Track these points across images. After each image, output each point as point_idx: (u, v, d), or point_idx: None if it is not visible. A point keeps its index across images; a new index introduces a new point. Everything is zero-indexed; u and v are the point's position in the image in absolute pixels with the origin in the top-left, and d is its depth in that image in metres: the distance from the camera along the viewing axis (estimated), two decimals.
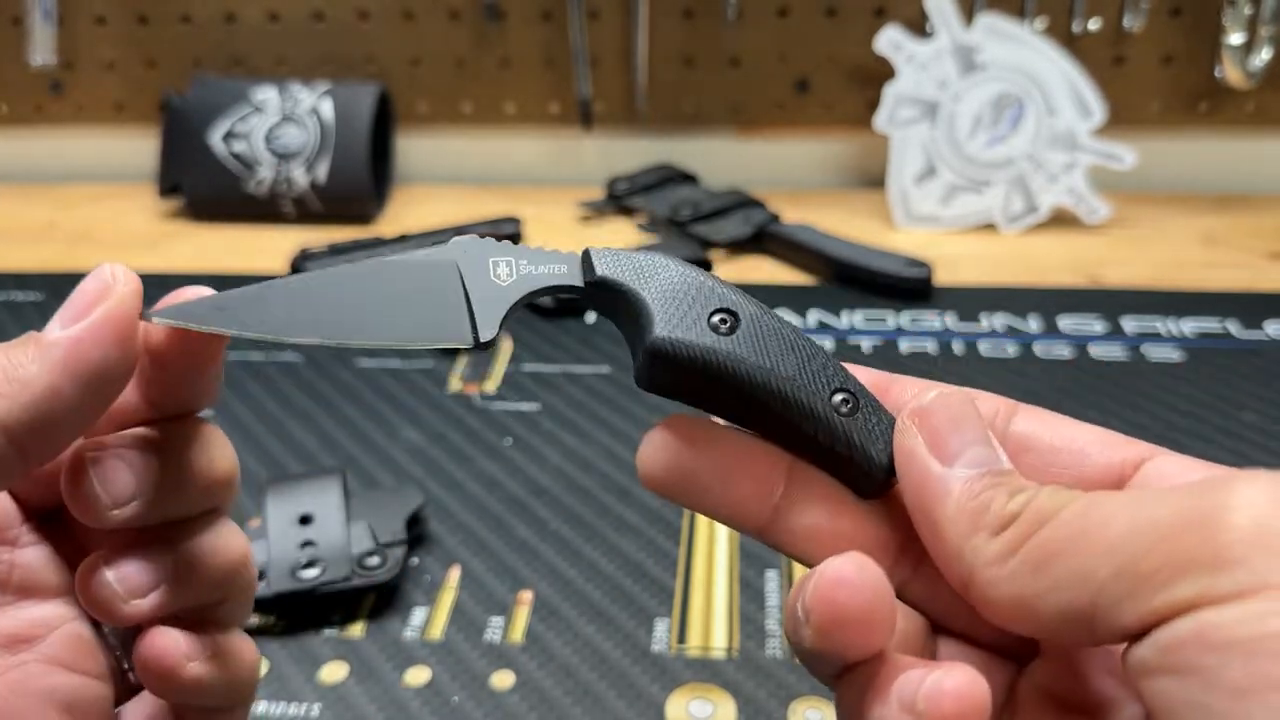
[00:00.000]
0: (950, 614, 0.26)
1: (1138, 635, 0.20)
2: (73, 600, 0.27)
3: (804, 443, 0.26)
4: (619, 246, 0.26)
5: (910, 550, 0.26)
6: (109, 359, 0.24)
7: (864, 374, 0.27)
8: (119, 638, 0.28)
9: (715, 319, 0.25)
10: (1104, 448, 0.26)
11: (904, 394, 0.27)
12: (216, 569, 0.28)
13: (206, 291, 0.25)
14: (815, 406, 0.25)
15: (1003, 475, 0.24)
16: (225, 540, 0.28)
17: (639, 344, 0.26)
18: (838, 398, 0.25)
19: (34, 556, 0.27)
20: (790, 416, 0.25)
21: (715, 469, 0.26)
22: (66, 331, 0.24)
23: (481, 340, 0.25)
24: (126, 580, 0.26)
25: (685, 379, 0.25)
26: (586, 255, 0.26)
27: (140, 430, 0.27)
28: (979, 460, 0.24)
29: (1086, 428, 0.26)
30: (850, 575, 0.22)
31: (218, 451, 0.28)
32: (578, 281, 0.26)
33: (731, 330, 0.25)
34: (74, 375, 0.24)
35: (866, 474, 0.26)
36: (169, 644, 0.26)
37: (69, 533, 0.28)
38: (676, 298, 0.25)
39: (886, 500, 0.26)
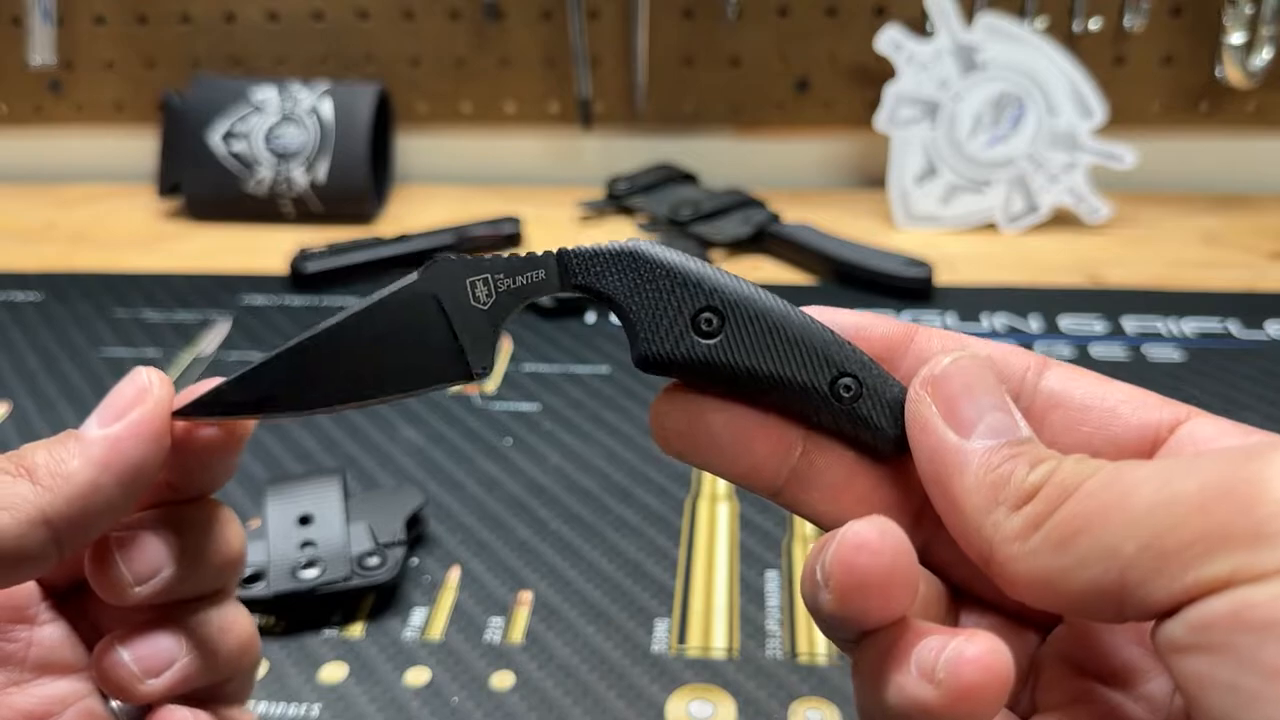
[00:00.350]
0: (972, 579, 0.26)
1: (1169, 612, 0.19)
2: (87, 677, 0.28)
3: (809, 424, 0.25)
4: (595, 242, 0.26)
5: (930, 513, 0.25)
6: (146, 457, 0.25)
7: (883, 324, 0.26)
8: (129, 716, 0.29)
9: (700, 320, 0.25)
10: (1137, 408, 0.24)
11: (928, 346, 0.26)
12: (227, 648, 0.29)
13: (218, 381, 0.26)
14: (813, 398, 0.25)
15: (1023, 444, 0.23)
16: (234, 619, 0.29)
17: (630, 345, 0.25)
18: (841, 383, 0.25)
19: (52, 634, 0.28)
20: (789, 407, 0.25)
21: (731, 430, 0.25)
22: (106, 431, 0.25)
23: (474, 373, 0.26)
24: (142, 660, 0.27)
25: (678, 376, 0.26)
26: (562, 257, 0.26)
27: (160, 511, 0.28)
28: (997, 428, 0.23)
29: (1120, 386, 0.25)
30: (872, 539, 0.22)
31: (231, 531, 0.29)
32: (556, 287, 0.26)
33: (718, 330, 0.25)
34: (114, 472, 0.25)
35: (874, 449, 0.25)
36: None
37: (85, 611, 0.29)
38: (657, 301, 0.25)
39: (905, 460, 0.25)
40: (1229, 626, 0.18)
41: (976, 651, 0.21)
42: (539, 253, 0.26)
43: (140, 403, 0.26)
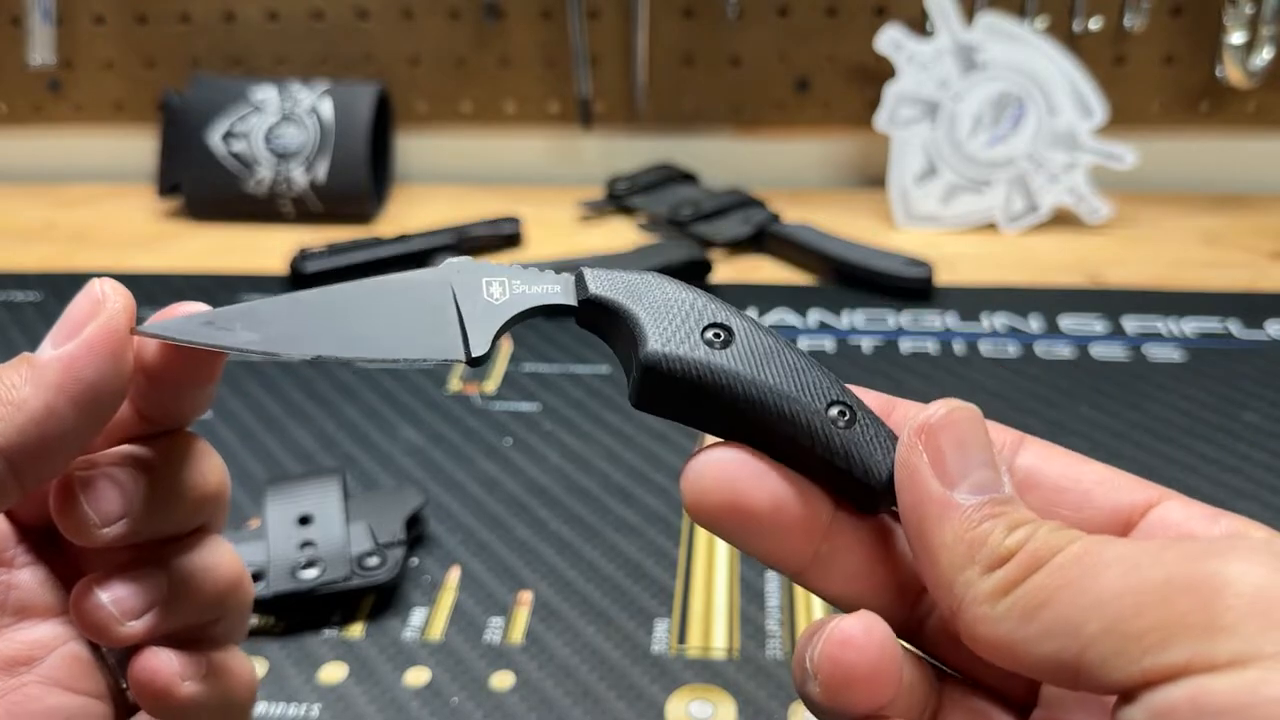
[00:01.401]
0: (962, 658, 0.26)
1: (1127, 695, 0.20)
2: (69, 621, 0.27)
3: (802, 456, 0.25)
4: (612, 269, 0.27)
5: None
6: (103, 376, 0.24)
7: (866, 395, 0.26)
8: (116, 657, 0.28)
9: (709, 334, 0.25)
10: (1109, 491, 0.25)
11: (906, 418, 0.26)
12: (210, 588, 0.28)
13: (200, 307, 0.25)
14: (811, 420, 0.25)
15: (1004, 504, 0.23)
16: (217, 558, 0.28)
17: (633, 362, 0.25)
18: (834, 410, 0.25)
19: (30, 577, 0.27)
20: (786, 430, 0.25)
21: (772, 512, 0.25)
22: (59, 350, 0.24)
23: (474, 355, 0.25)
24: (121, 602, 0.26)
25: (680, 395, 0.25)
26: (580, 275, 0.26)
27: (130, 448, 0.27)
28: (982, 485, 0.23)
29: (1094, 466, 0.25)
30: (857, 636, 0.22)
31: (208, 465, 0.28)
32: (571, 300, 0.26)
33: (725, 345, 0.25)
34: (69, 395, 0.24)
35: (866, 487, 0.25)
36: (162, 664, 0.26)
37: (64, 552, 0.28)
38: (669, 314, 0.25)
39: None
40: (1188, 712, 0.19)
41: None
42: (558, 270, 0.27)
43: (93, 317, 0.24)
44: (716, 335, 0.25)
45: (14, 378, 0.23)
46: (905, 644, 0.25)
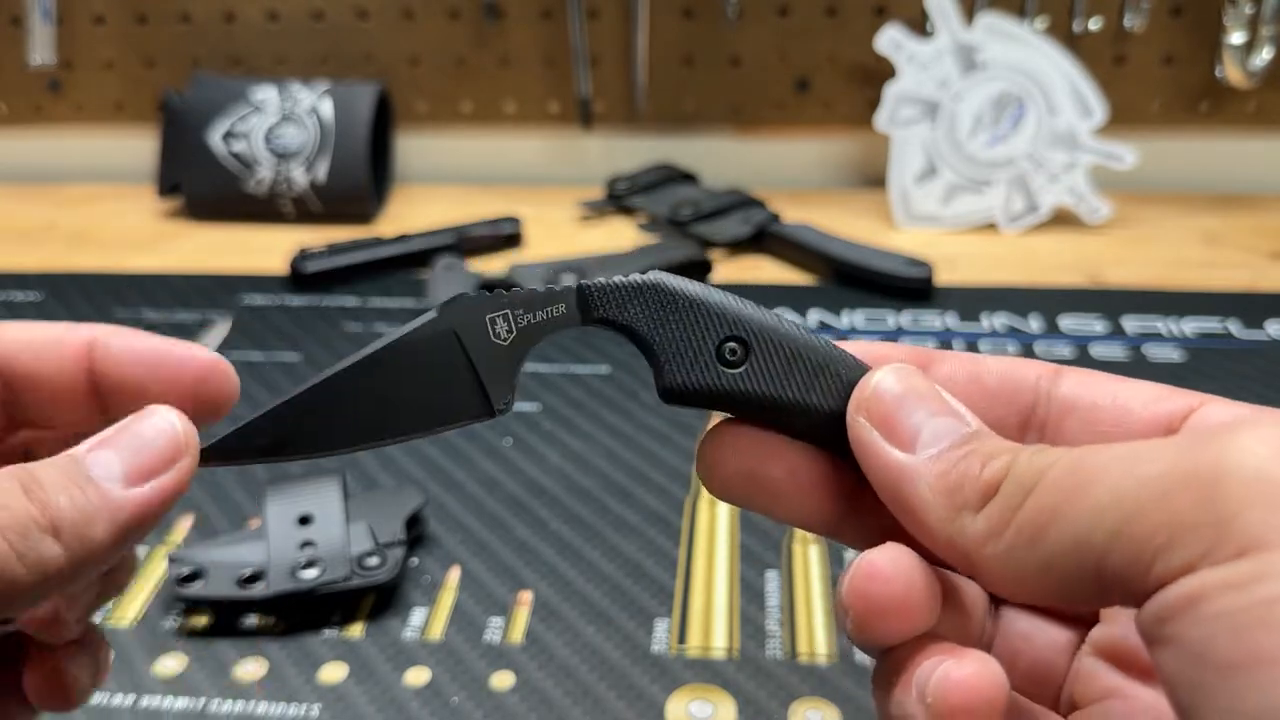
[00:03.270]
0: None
1: (1145, 598, 0.19)
2: None
3: (840, 449, 0.25)
4: (615, 278, 0.25)
5: None
6: (161, 518, 0.24)
7: (901, 351, 0.26)
8: None
9: (725, 349, 0.25)
10: (1149, 402, 0.24)
11: (947, 370, 0.26)
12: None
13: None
14: (837, 423, 0.24)
15: (969, 441, 0.22)
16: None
17: (654, 377, 0.25)
18: None
19: None
20: (815, 434, 0.25)
21: (793, 480, 0.25)
22: (136, 494, 0.23)
23: (496, 411, 0.25)
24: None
25: (702, 406, 0.25)
26: (581, 293, 0.25)
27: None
28: (940, 433, 0.23)
29: (1132, 383, 0.25)
30: (883, 568, 0.22)
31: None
32: (576, 322, 0.26)
33: (743, 360, 0.25)
34: (133, 538, 0.24)
35: None
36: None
37: None
38: (680, 332, 0.25)
39: None
40: (1184, 618, 0.18)
41: (962, 674, 0.21)
42: (559, 287, 0.25)
43: (175, 462, 0.24)
44: (732, 351, 0.25)
45: (90, 512, 0.23)
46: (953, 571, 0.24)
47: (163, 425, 0.25)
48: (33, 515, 0.22)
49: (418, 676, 0.42)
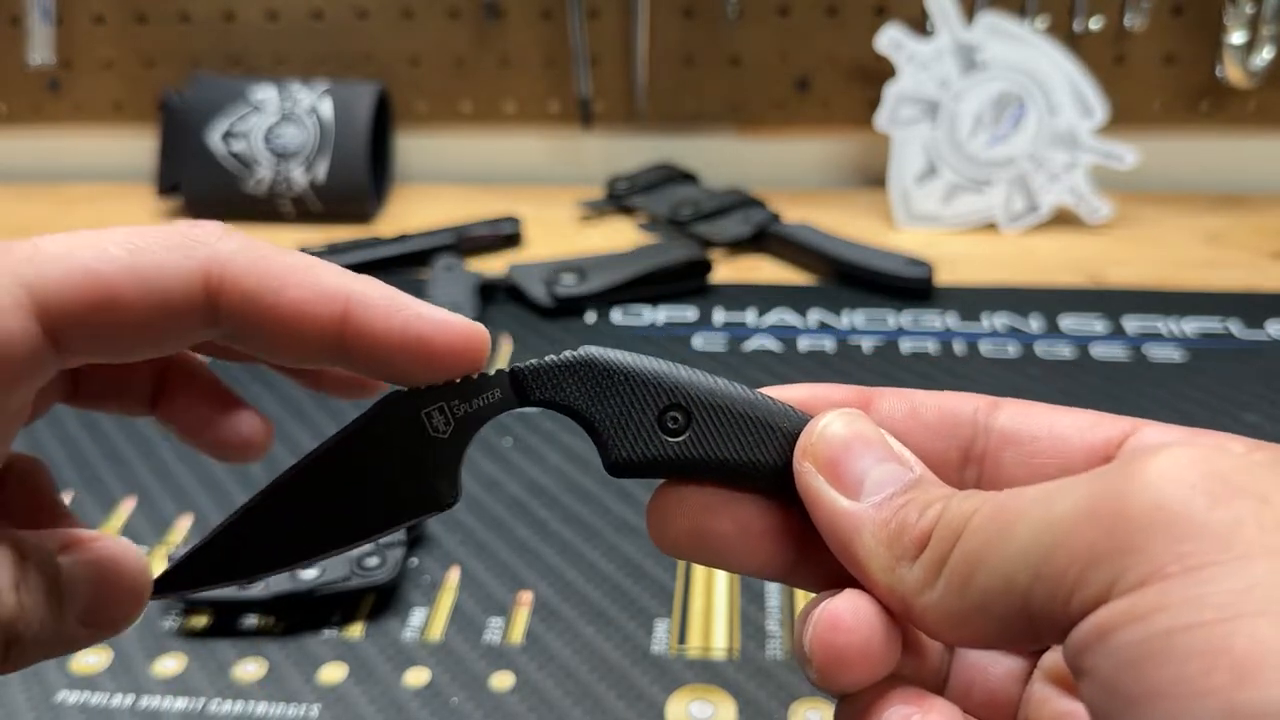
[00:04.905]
0: None
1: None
2: None
3: (788, 500, 0.25)
4: (539, 358, 0.25)
5: None
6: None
7: (841, 391, 0.26)
8: None
9: (667, 419, 0.25)
10: (1084, 430, 0.24)
11: (885, 407, 0.26)
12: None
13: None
14: (784, 479, 0.25)
15: (912, 489, 0.23)
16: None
17: (599, 453, 0.25)
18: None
19: None
20: (762, 489, 0.25)
21: (740, 533, 0.25)
22: (89, 633, 0.24)
23: (447, 504, 0.25)
24: None
25: (651, 475, 0.25)
26: (515, 377, 0.25)
27: None
28: (884, 480, 0.23)
29: (1068, 412, 0.25)
30: (845, 618, 0.22)
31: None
32: (514, 404, 0.25)
33: (685, 426, 0.25)
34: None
35: None
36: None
37: None
38: (621, 406, 0.25)
39: None
40: (1093, 651, 0.18)
41: None
42: (491, 373, 0.25)
43: (129, 615, 0.24)
44: (674, 419, 0.25)
45: (51, 648, 0.23)
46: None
47: (130, 575, 0.24)
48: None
49: (417, 677, 0.42)
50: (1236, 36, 0.84)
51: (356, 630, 0.45)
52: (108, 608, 0.24)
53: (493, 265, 0.77)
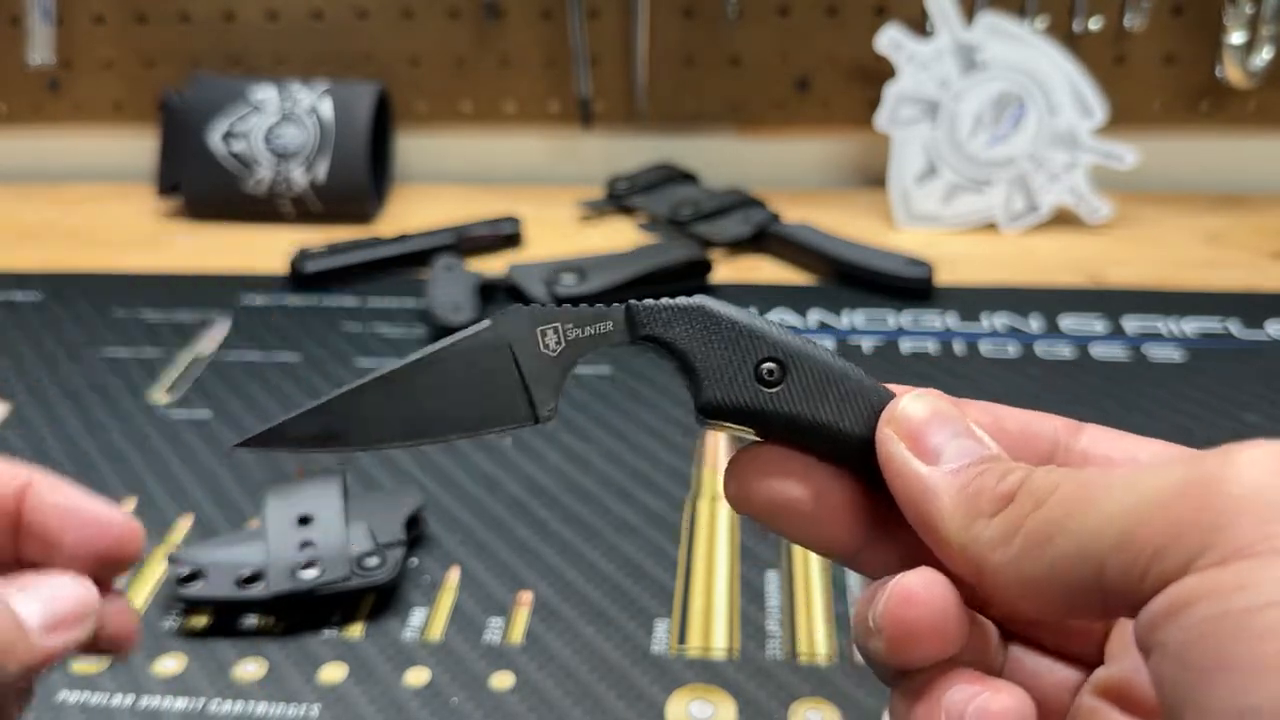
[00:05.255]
0: (1021, 623, 0.27)
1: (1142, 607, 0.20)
2: None
3: (865, 474, 0.26)
4: (664, 299, 0.26)
5: None
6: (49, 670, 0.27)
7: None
8: None
9: (763, 369, 0.26)
10: (1161, 459, 0.25)
11: (972, 414, 0.26)
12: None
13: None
14: (865, 448, 0.25)
15: (991, 460, 0.24)
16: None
17: (693, 397, 0.26)
18: None
19: None
20: (843, 457, 0.26)
21: (817, 505, 0.26)
22: (50, 644, 0.26)
23: (541, 416, 0.26)
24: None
25: (738, 424, 0.26)
26: (630, 312, 0.26)
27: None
28: (964, 452, 0.24)
29: (1147, 442, 0.26)
30: (918, 592, 0.23)
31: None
32: (625, 339, 0.27)
33: (780, 380, 0.26)
34: (34, 674, 0.26)
35: None
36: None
37: None
38: (721, 352, 0.26)
39: None
40: (1168, 624, 0.18)
41: (1000, 707, 0.22)
42: (609, 306, 0.27)
43: (82, 622, 0.27)
44: (770, 372, 0.26)
45: (9, 653, 0.25)
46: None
47: (76, 587, 0.27)
48: None
49: (417, 677, 0.42)
50: (1236, 36, 0.84)
51: (356, 630, 0.45)
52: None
53: (493, 265, 0.77)
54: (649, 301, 0.26)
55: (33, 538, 0.28)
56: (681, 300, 0.26)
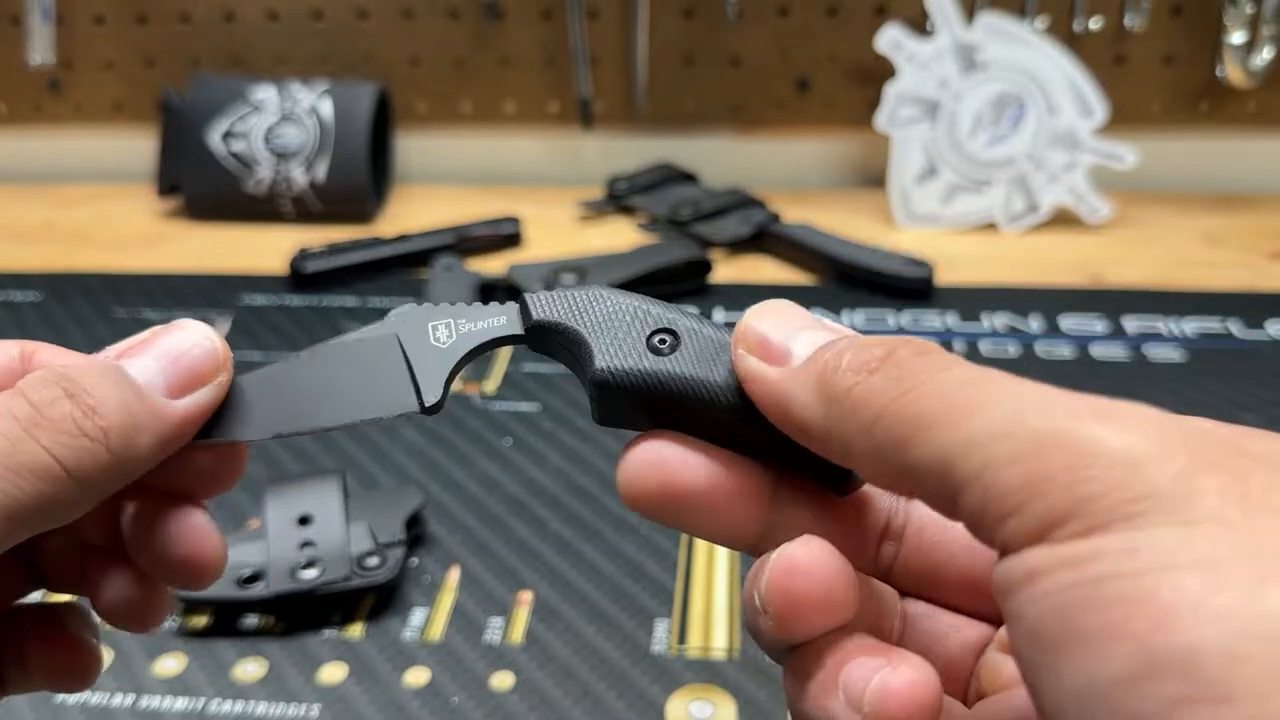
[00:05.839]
0: (927, 587, 0.26)
1: (996, 548, 0.19)
2: None
3: (768, 448, 0.25)
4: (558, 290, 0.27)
5: (890, 533, 0.26)
6: (190, 438, 0.24)
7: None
8: None
9: (655, 340, 0.25)
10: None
11: None
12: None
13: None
14: (760, 418, 0.24)
15: (846, 338, 0.22)
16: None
17: (585, 380, 0.26)
18: None
19: None
20: (744, 426, 0.25)
21: (706, 489, 0.24)
22: (179, 407, 0.24)
23: (426, 405, 0.26)
24: None
25: (635, 406, 0.25)
26: (523, 302, 0.27)
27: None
28: (813, 340, 0.23)
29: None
30: (802, 560, 0.22)
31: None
32: (517, 330, 0.27)
33: (672, 349, 0.25)
34: (170, 450, 0.24)
35: (829, 467, 0.24)
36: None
37: None
38: (614, 327, 0.26)
39: (860, 497, 0.26)
40: (1021, 595, 0.18)
41: (901, 683, 0.21)
42: (504, 303, 0.27)
43: (214, 378, 0.24)
44: (662, 341, 0.25)
45: (139, 421, 0.23)
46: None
47: (200, 340, 0.25)
48: (78, 419, 0.22)
49: (417, 677, 0.42)
50: (1236, 36, 0.84)
51: (356, 630, 0.45)
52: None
53: (493, 265, 0.77)
54: (541, 292, 0.27)
55: None
56: (574, 288, 0.27)
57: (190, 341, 0.24)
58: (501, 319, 0.27)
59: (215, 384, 0.24)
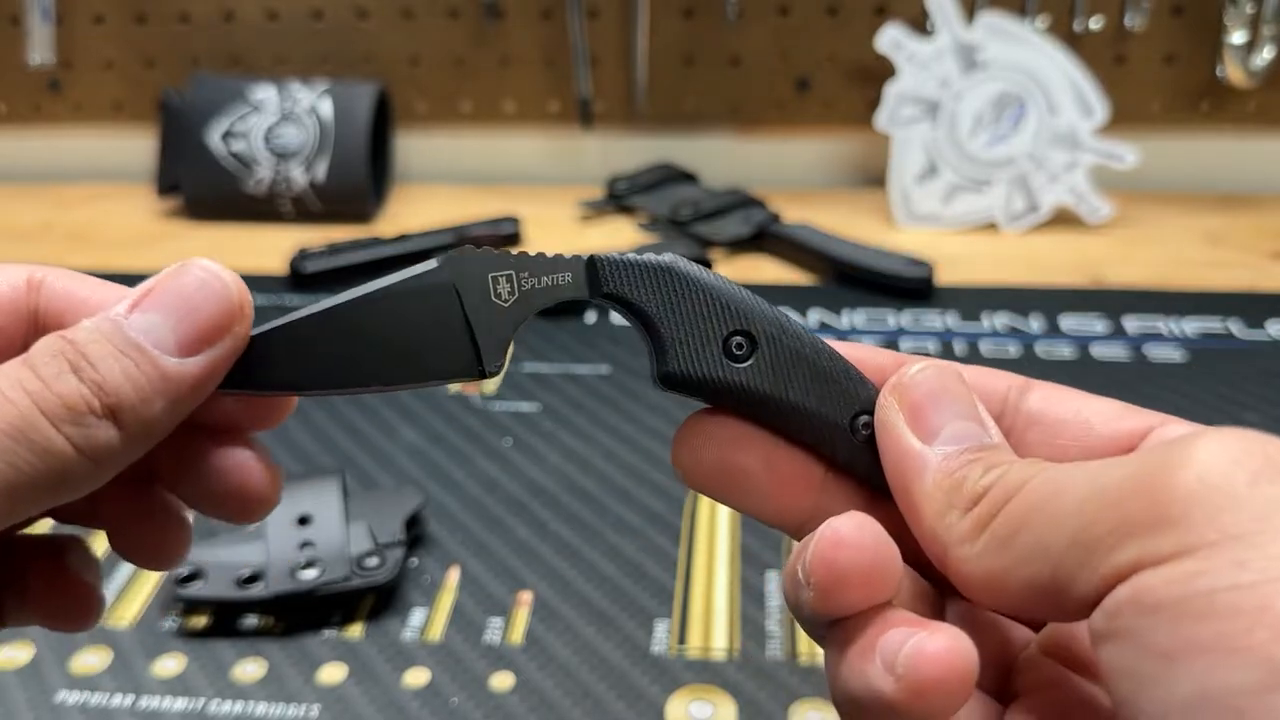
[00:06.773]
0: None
1: (1094, 605, 0.19)
2: None
3: (826, 454, 0.25)
4: (623, 250, 0.25)
5: None
6: (207, 395, 0.23)
7: (884, 356, 0.26)
8: None
9: (732, 343, 0.24)
10: (1109, 419, 0.25)
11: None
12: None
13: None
14: (834, 435, 0.25)
15: (984, 450, 0.23)
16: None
17: (653, 362, 0.25)
18: (861, 419, 0.25)
19: None
20: (809, 442, 0.25)
21: (765, 473, 0.25)
22: (190, 365, 0.22)
23: (487, 372, 0.24)
24: None
25: (699, 397, 0.25)
26: (591, 264, 0.25)
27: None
28: (960, 435, 0.24)
29: (1097, 400, 0.25)
30: (849, 534, 0.22)
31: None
32: (583, 294, 0.25)
33: (748, 356, 0.24)
34: (185, 413, 0.22)
35: (885, 487, 0.25)
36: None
37: None
38: (689, 319, 0.24)
39: None
40: (1130, 612, 0.18)
41: (937, 648, 0.21)
42: (569, 256, 0.25)
43: (229, 329, 0.22)
44: (739, 346, 0.24)
45: (149, 391, 0.21)
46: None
47: (211, 282, 0.23)
48: (85, 398, 0.21)
49: (417, 677, 0.42)
50: (1236, 36, 0.84)
51: (356, 630, 0.45)
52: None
53: None
54: (614, 255, 0.25)
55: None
56: (650, 258, 0.24)
57: (202, 287, 0.22)
58: (567, 275, 0.24)
59: (231, 335, 0.22)
